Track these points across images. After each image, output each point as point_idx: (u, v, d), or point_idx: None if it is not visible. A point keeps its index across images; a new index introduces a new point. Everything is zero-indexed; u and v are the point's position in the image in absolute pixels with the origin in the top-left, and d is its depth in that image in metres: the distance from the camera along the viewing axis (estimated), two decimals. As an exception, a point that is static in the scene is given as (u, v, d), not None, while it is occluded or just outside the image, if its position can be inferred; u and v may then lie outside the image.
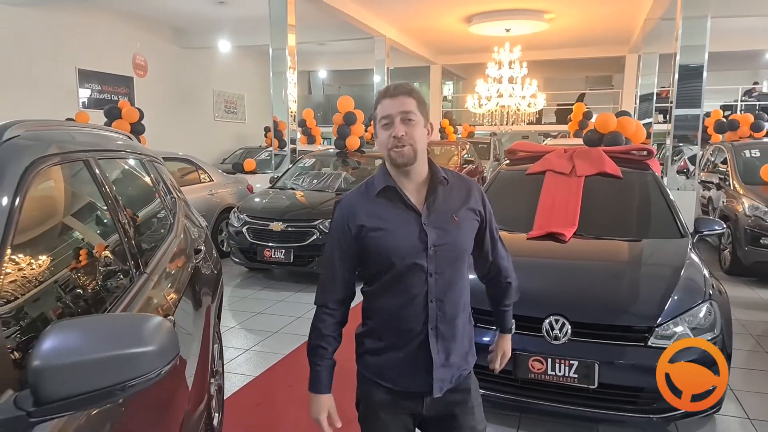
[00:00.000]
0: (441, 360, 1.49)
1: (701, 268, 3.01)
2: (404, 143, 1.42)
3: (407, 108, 1.44)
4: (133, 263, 1.64)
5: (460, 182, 1.58)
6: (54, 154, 1.36)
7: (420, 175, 1.50)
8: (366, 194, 1.53)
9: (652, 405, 2.60)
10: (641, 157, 4.31)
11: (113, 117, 6.79)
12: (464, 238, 1.52)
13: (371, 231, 1.48)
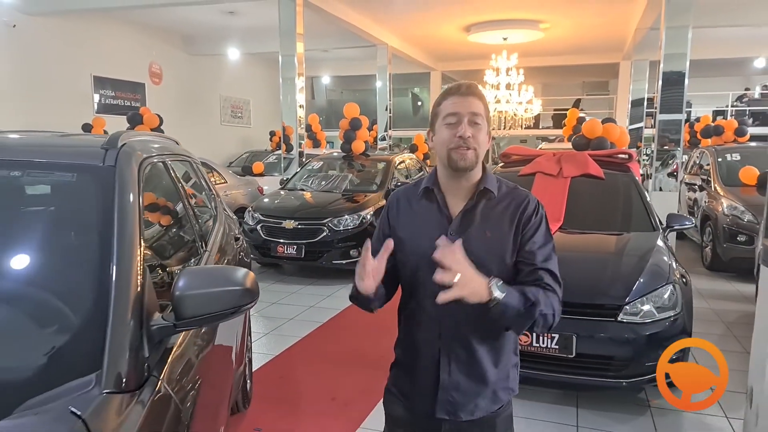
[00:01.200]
0: (451, 382, 1.40)
1: (667, 257, 3.45)
2: (469, 145, 1.36)
3: (477, 110, 1.37)
4: (200, 241, 2.09)
5: (512, 195, 1.45)
6: (151, 156, 1.81)
7: (470, 183, 1.43)
8: (413, 191, 1.50)
9: (621, 372, 3.05)
10: (623, 160, 4.77)
11: (135, 123, 7.25)
12: (491, 255, 1.39)
13: (399, 230, 1.46)
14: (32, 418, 0.90)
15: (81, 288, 1.18)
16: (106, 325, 1.10)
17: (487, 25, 11.20)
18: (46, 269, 1.30)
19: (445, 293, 1.22)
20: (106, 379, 1.03)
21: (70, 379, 1.00)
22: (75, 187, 1.50)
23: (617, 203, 4.30)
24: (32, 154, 1.58)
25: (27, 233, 1.41)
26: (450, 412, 1.41)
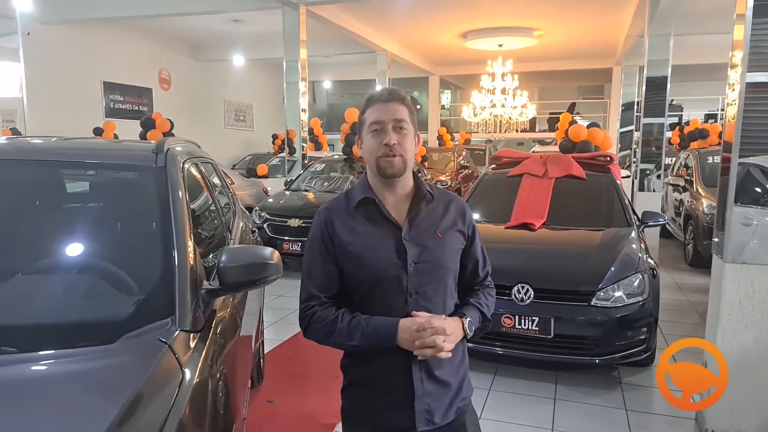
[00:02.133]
0: (425, 390, 1.39)
1: (638, 250, 3.82)
2: (395, 152, 1.35)
3: (400, 116, 1.37)
4: (226, 230, 2.46)
5: (445, 198, 1.50)
6: (188, 158, 2.18)
7: (404, 188, 1.43)
8: (345, 205, 1.45)
9: (594, 350, 3.42)
10: (603, 162, 5.15)
11: (148, 127, 7.64)
12: (448, 256, 1.43)
13: (347, 245, 1.40)
14: (135, 341, 1.28)
15: (154, 259, 1.56)
16: (174, 286, 1.48)
17: (483, 32, 11.60)
18: (129, 246, 1.68)
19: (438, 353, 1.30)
20: (178, 321, 1.39)
21: (154, 321, 1.37)
22: (137, 184, 1.88)
23: (597, 201, 4.67)
24: (102, 157, 1.96)
25: (108, 218, 1.78)
26: (428, 420, 1.39)
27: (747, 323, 2.81)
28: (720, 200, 2.98)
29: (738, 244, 2.81)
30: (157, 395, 1.13)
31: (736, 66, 2.89)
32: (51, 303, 1.45)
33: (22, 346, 1.21)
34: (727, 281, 2.83)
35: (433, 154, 12.27)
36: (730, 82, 2.95)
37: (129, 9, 9.39)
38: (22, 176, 1.84)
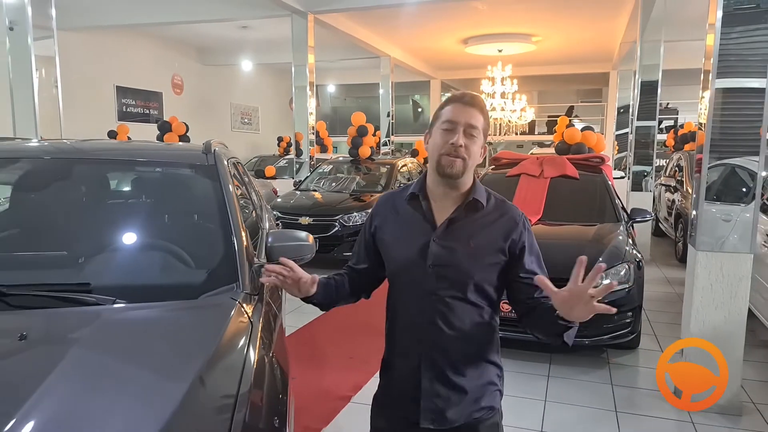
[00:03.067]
0: (432, 389, 1.41)
1: (625, 242, 4.18)
2: (459, 155, 1.36)
3: (475, 122, 1.38)
4: (259, 220, 2.83)
5: (499, 211, 1.45)
6: (229, 158, 2.55)
7: (458, 192, 1.43)
8: (399, 196, 1.51)
9: (584, 332, 3.77)
10: (596, 163, 5.52)
11: (165, 130, 8.02)
12: (474, 266, 1.39)
13: (384, 235, 1.48)
14: (213, 298, 1.64)
15: (220, 239, 1.92)
16: (236, 259, 1.84)
17: (483, 38, 11.99)
18: (200, 228, 2.04)
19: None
20: (242, 286, 1.76)
21: (223, 285, 1.74)
22: (195, 179, 2.24)
23: (589, 199, 5.03)
24: (164, 156, 2.33)
25: (180, 206, 2.16)
26: (433, 419, 1.41)
27: (717, 304, 3.17)
28: (694, 197, 3.34)
29: (709, 235, 3.18)
30: (238, 336, 1.50)
31: (708, 72, 3.24)
32: (150, 270, 1.83)
33: (133, 299, 1.58)
34: (699, 268, 3.19)
35: (435, 156, 12.64)
36: (703, 87, 3.31)
37: (143, 17, 9.78)
38: (113, 172, 2.24)
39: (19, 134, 4.56)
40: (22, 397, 1.08)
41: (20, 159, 2.17)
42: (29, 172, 2.12)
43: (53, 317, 1.48)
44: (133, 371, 1.28)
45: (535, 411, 3.24)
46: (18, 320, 1.42)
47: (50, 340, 1.40)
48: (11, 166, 2.14)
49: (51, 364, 1.20)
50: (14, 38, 4.54)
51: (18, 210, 1.98)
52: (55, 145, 2.42)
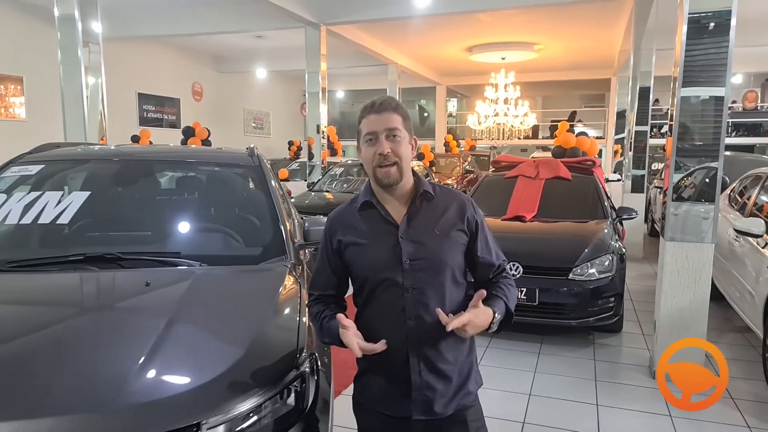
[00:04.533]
0: (422, 382, 1.45)
1: (610, 237, 4.66)
2: (390, 161, 1.40)
3: (393, 125, 1.42)
4: (292, 211, 3.35)
5: (449, 197, 1.53)
6: (267, 160, 3.08)
7: (405, 190, 1.48)
8: (350, 209, 1.54)
9: (571, 315, 4.27)
10: (588, 166, 6.02)
11: (189, 135, 8.58)
12: (445, 252, 1.46)
13: (349, 246, 1.49)
14: (271, 264, 2.17)
15: (271, 222, 2.45)
16: (283, 238, 2.37)
17: (487, 46, 12.52)
18: (257, 213, 2.57)
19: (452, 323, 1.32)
20: (289, 257, 2.28)
21: (275, 256, 2.27)
22: (246, 176, 2.77)
23: (580, 198, 5.52)
24: (219, 158, 2.87)
25: (237, 197, 2.69)
26: (425, 411, 1.45)
27: (683, 288, 3.66)
28: (665, 196, 3.83)
29: (675, 228, 3.67)
30: (292, 289, 2.02)
31: (676, 81, 3.67)
32: (221, 244, 2.37)
33: (211, 263, 2.11)
34: (667, 256, 3.68)
35: (440, 159, 13.16)
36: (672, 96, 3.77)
37: (167, 29, 10.37)
38: (185, 171, 2.80)
39: (69, 139, 5.11)
40: (161, 320, 1.61)
41: (110, 160, 2.73)
42: (119, 170, 2.65)
43: (163, 272, 2.02)
44: (226, 305, 1.83)
45: (525, 380, 3.73)
46: (138, 275, 1.95)
47: (166, 284, 1.93)
48: (105, 166, 2.68)
49: (174, 298, 1.74)
50: (65, 50, 5.09)
51: (114, 200, 2.50)
52: (136, 149, 2.97)
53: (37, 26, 9.70)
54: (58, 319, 1.71)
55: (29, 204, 2.24)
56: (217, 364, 1.47)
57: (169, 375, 1.43)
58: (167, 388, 1.38)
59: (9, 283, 1.95)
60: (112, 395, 1.30)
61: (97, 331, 1.60)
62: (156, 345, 1.48)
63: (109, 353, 1.49)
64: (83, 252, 2.06)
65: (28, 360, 1.47)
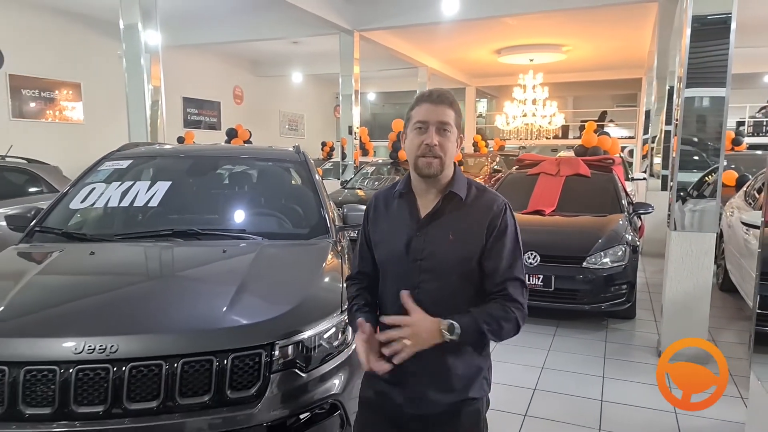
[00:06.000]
0: (416, 379, 1.45)
1: (623, 229, 4.99)
2: (435, 154, 1.39)
3: (446, 119, 1.41)
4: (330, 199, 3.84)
5: (483, 200, 1.47)
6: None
7: (440, 185, 1.46)
8: (389, 193, 1.56)
9: (584, 300, 4.63)
10: (607, 164, 6.33)
11: (232, 136, 9.23)
12: (454, 258, 1.42)
13: (374, 231, 1.54)
14: (318, 239, 2.67)
15: (317, 208, 2.94)
16: (327, 221, 2.84)
17: (515, 49, 12.82)
18: (304, 201, 3.06)
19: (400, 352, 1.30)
20: (332, 236, 2.75)
21: (321, 235, 2.75)
22: (295, 170, 3.27)
23: (598, 194, 5.84)
24: (274, 155, 3.39)
25: (288, 188, 3.20)
26: (417, 406, 1.46)
27: (687, 274, 3.98)
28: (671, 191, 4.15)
29: (680, 219, 3.99)
30: (336, 258, 2.49)
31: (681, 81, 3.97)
32: (279, 224, 2.88)
33: (270, 238, 2.61)
34: (673, 244, 4.02)
35: (469, 159, 13.51)
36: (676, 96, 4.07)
37: (209, 37, 11.08)
38: (245, 166, 3.34)
39: (132, 140, 5.73)
40: (239, 275, 2.11)
41: (184, 156, 3.28)
42: (192, 165, 3.19)
43: (234, 244, 2.52)
44: (286, 267, 2.33)
45: (539, 356, 4.12)
46: (216, 245, 2.46)
47: (239, 252, 2.43)
48: (181, 161, 3.23)
49: (247, 261, 2.25)
50: (129, 58, 5.71)
51: (188, 188, 3.03)
52: (204, 147, 3.52)
53: (93, 36, 10.52)
54: (160, 274, 2.24)
55: (125, 191, 2.78)
56: (283, 305, 1.96)
57: (249, 310, 1.93)
58: (248, 317, 1.88)
59: (118, 249, 2.50)
60: (212, 321, 1.80)
61: (192, 282, 2.12)
62: (238, 290, 1.98)
63: (203, 296, 2.00)
64: (171, 228, 2.59)
65: (141, 297, 2.02)
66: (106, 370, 1.63)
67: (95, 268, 2.32)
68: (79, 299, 2.03)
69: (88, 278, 2.23)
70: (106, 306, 1.97)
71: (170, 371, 1.64)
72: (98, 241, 2.55)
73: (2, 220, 4.83)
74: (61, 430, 1.58)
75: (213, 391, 1.67)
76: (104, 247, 2.47)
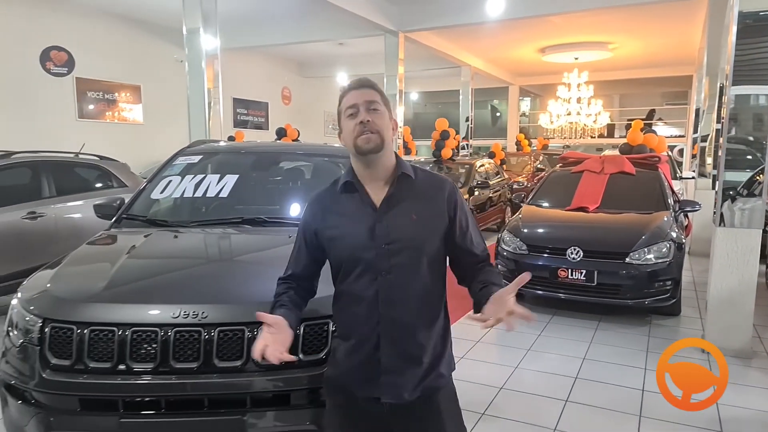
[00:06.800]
0: (392, 365, 1.45)
1: (668, 226, 5.00)
2: (371, 129, 1.41)
3: (373, 98, 1.45)
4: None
5: (431, 181, 1.53)
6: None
7: (385, 170, 1.48)
8: (331, 191, 1.56)
9: (627, 295, 4.69)
10: (653, 162, 6.32)
11: (281, 135, 9.63)
12: (422, 237, 1.46)
13: (327, 228, 1.51)
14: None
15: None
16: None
17: (560, 47, 12.75)
18: None
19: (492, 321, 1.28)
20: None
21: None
22: (345, 164, 3.49)
23: (643, 191, 5.84)
24: (328, 152, 3.63)
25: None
26: (395, 394, 1.46)
27: (732, 270, 4.00)
28: (717, 188, 4.17)
29: (726, 216, 4.02)
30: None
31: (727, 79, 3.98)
32: None
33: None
34: (718, 240, 4.04)
35: (512, 158, 13.52)
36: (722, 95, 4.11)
37: (260, 40, 11.54)
38: (301, 161, 3.61)
39: (193, 138, 6.13)
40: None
41: (249, 152, 3.57)
42: (256, 160, 3.47)
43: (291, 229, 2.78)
44: None
45: (581, 348, 4.22)
46: (281, 231, 2.70)
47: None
48: (245, 156, 3.53)
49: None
50: (191, 62, 6.12)
51: (253, 181, 3.31)
52: (265, 144, 3.81)
53: (152, 41, 11.15)
54: (236, 255, 2.52)
55: (198, 183, 3.08)
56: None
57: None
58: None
59: (197, 234, 2.79)
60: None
61: (264, 261, 2.36)
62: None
63: (275, 274, 2.25)
64: (240, 216, 2.87)
65: (222, 273, 2.30)
66: (198, 333, 1.89)
67: (180, 249, 2.62)
68: (171, 273, 2.33)
69: (176, 257, 2.53)
70: (194, 280, 2.25)
71: (251, 336, 1.89)
72: (177, 226, 2.86)
73: (75, 212, 5.31)
74: (161, 381, 1.86)
75: (300, 355, 1.92)
76: (185, 232, 2.77)
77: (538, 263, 4.95)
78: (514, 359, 3.94)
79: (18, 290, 2.21)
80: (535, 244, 5.05)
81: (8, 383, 2.02)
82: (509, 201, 10.09)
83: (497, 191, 9.73)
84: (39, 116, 9.35)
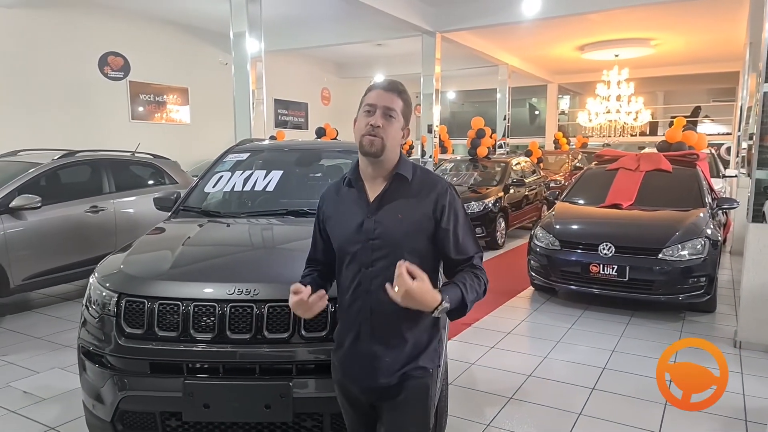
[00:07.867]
0: (371, 352, 1.54)
1: (703, 223, 5.00)
2: (377, 134, 1.47)
3: (392, 105, 1.50)
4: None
5: (427, 182, 1.57)
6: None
7: (386, 170, 1.55)
8: (339, 184, 1.65)
9: (659, 291, 4.73)
10: (692, 159, 6.28)
11: (320, 134, 9.98)
12: (403, 236, 1.51)
13: (329, 218, 1.63)
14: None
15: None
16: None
17: (599, 44, 12.61)
18: None
19: (393, 293, 1.35)
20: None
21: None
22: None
23: (679, 189, 5.82)
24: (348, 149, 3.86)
25: None
26: (371, 378, 1.55)
27: (765, 265, 4.01)
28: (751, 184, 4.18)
29: (758, 212, 4.03)
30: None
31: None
32: None
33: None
34: (751, 236, 4.06)
35: (549, 156, 13.45)
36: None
37: (300, 42, 11.93)
38: (335, 158, 3.85)
39: (238, 138, 6.48)
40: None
41: (296, 150, 3.85)
42: (299, 157, 3.73)
43: None
44: None
45: (611, 341, 4.30)
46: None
47: None
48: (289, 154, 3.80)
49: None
50: (237, 64, 6.46)
51: (296, 176, 3.57)
52: (306, 143, 4.07)
53: (199, 45, 11.69)
54: (282, 242, 2.78)
55: (246, 178, 3.36)
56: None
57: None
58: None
59: (247, 223, 3.07)
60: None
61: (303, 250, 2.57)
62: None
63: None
64: (285, 208, 3.13)
65: (271, 257, 2.57)
66: (251, 308, 2.14)
67: (233, 237, 2.89)
68: (226, 257, 2.61)
69: (229, 243, 2.80)
70: (246, 262, 2.51)
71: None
72: (229, 216, 3.14)
73: (132, 207, 5.73)
74: (218, 349, 2.12)
75: (328, 329, 2.14)
76: (237, 222, 3.04)
77: (570, 258, 5.05)
78: (543, 349, 4.07)
79: (94, 271, 2.52)
80: (567, 239, 5.15)
81: (87, 350, 2.33)
82: (545, 199, 10.10)
83: (533, 189, 9.76)
84: (96, 118, 9.98)
